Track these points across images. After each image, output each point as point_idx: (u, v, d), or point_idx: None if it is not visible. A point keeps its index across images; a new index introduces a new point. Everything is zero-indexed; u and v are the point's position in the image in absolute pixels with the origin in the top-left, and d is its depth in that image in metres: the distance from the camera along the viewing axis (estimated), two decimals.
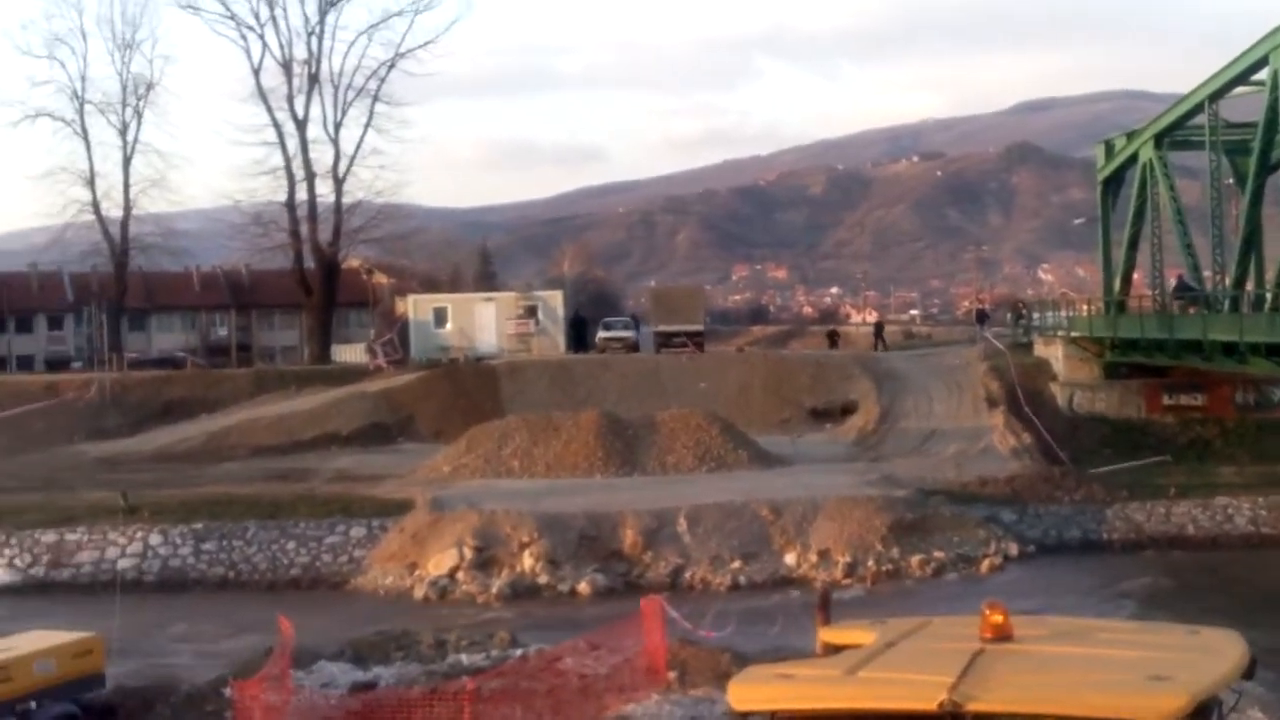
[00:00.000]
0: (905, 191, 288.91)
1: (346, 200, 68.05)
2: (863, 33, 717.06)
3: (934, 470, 37.40)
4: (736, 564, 29.23)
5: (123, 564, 30.10)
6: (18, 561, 30.15)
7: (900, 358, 55.24)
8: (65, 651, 18.33)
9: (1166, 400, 43.57)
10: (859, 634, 9.52)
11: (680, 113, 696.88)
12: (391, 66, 67.82)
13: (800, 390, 49.05)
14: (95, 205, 70.19)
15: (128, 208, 70.51)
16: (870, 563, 29.27)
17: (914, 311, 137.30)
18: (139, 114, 70.34)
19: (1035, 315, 57.00)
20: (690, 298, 65.68)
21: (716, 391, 48.08)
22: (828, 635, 10.16)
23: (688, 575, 29.00)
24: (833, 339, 67.32)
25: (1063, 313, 51.25)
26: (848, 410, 46.76)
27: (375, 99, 67.79)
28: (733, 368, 51.86)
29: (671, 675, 18.27)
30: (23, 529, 30.92)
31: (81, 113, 69.80)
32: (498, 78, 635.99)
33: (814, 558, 29.42)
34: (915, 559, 29.60)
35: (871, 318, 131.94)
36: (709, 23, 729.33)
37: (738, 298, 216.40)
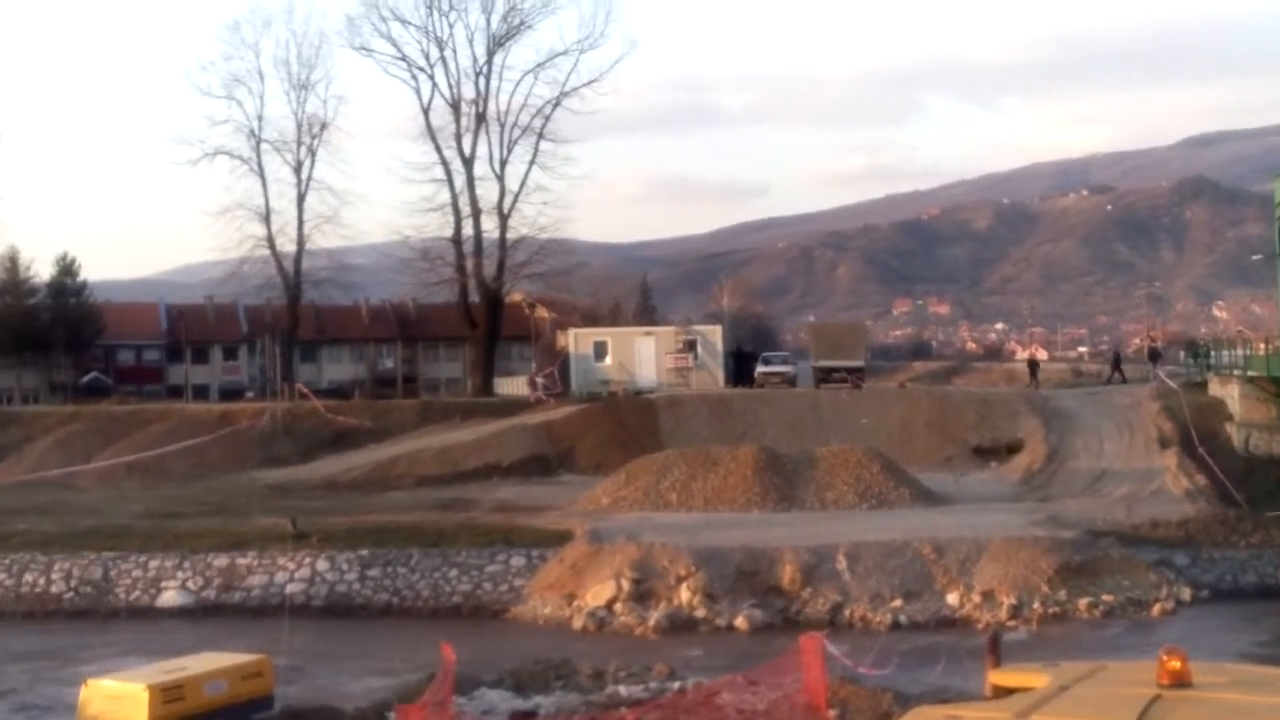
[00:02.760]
0: (1073, 226, 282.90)
1: (511, 236, 69.35)
2: (1030, 66, 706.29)
3: (1103, 511, 36.34)
4: (897, 603, 28.77)
5: (291, 588, 30.79)
6: (190, 584, 31.06)
7: (1069, 396, 54.01)
8: (236, 673, 18.84)
9: None
10: (1030, 677, 9.30)
11: (843, 148, 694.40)
12: (556, 105, 69.03)
13: (964, 427, 48.25)
14: (270, 240, 72.52)
15: (301, 243, 72.65)
16: (1036, 605, 28.53)
17: (1082, 349, 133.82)
18: (313, 152, 72.54)
19: (1211, 354, 55.18)
20: (851, 333, 65.14)
21: (878, 428, 47.55)
22: (998, 678, 9.94)
23: (847, 613, 28.62)
24: (1033, 369, 65.80)
25: (1239, 351, 49.52)
26: (1013, 449, 45.83)
27: (540, 137, 69.06)
28: (894, 404, 51.24)
29: (832, 714, 18.03)
30: (197, 553, 31.87)
31: (258, 151, 72.27)
32: (660, 114, 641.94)
33: (977, 598, 28.80)
34: (1083, 602, 28.76)
35: (1040, 355, 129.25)
36: (873, 58, 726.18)
37: (899, 333, 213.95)
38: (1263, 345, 48.31)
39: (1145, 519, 34.99)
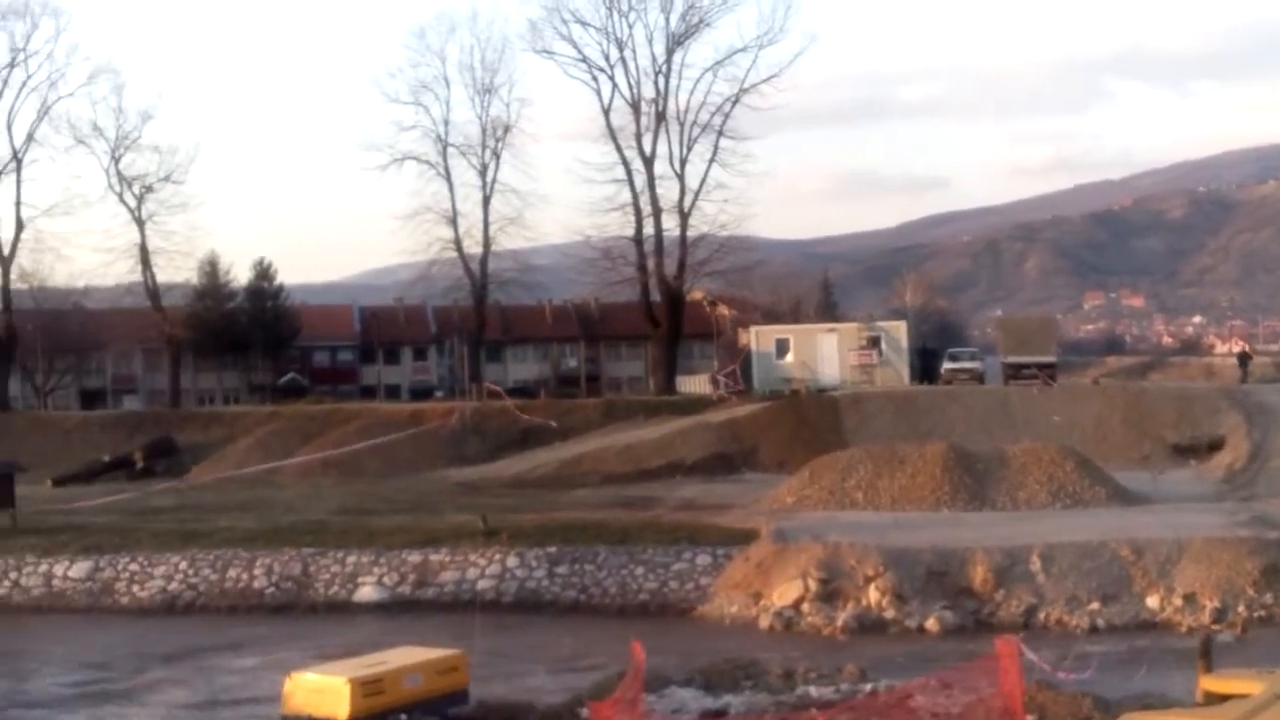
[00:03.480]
0: (1274, 214, 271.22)
1: (691, 234, 69.45)
2: (1224, 49, 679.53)
3: None
4: (1094, 605, 27.94)
5: (482, 584, 31.32)
6: (386, 580, 31.82)
7: (1273, 390, 51.85)
8: (432, 667, 19.24)
9: None
10: (1244, 683, 8.99)
11: (1028, 138, 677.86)
12: (736, 102, 68.92)
13: (1162, 425, 46.78)
14: (457, 243, 73.87)
15: (487, 245, 73.83)
16: (1240, 608, 27.41)
17: (1245, 345, 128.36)
18: (497, 155, 73.65)
19: None
20: (1041, 328, 63.70)
21: (1070, 425, 46.38)
22: (1210, 683, 9.64)
23: (1041, 615, 27.90)
24: (1243, 362, 63.41)
25: None
26: (1215, 446, 44.23)
27: (720, 134, 69.04)
28: (1088, 400, 49.91)
29: (1030, 719, 17.59)
30: (391, 549, 32.64)
31: (444, 155, 73.65)
32: (840, 108, 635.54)
33: (1178, 601, 27.80)
34: None
35: (1237, 347, 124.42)
36: (1056, 46, 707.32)
37: (1090, 327, 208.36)
38: None
39: None
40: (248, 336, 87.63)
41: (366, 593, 31.59)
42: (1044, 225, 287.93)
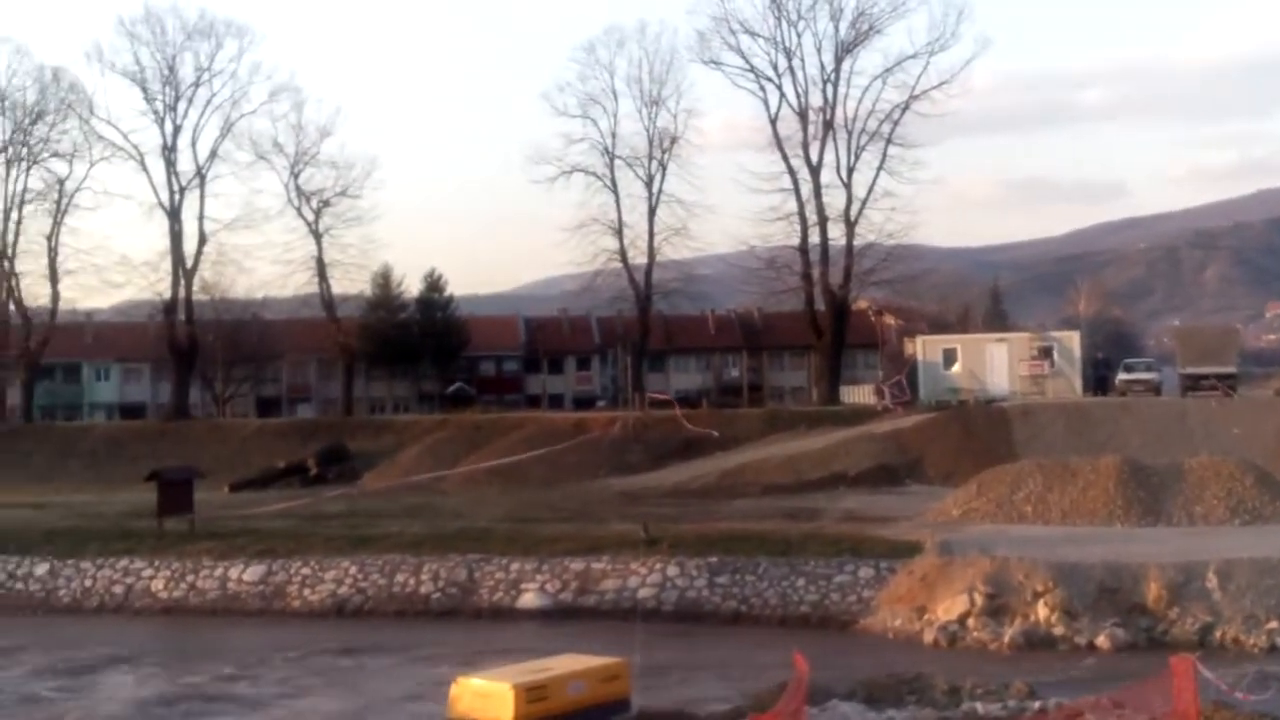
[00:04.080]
0: None
1: (857, 243, 69.19)
2: None
3: None
4: (1273, 624, 26.83)
5: (642, 593, 31.40)
6: (548, 587, 32.10)
7: None
8: (595, 675, 19.36)
9: None
10: None
11: (1209, 143, 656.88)
12: (905, 109, 68.53)
13: None
14: (622, 253, 74.68)
15: (652, 255, 74.44)
16: None
17: None
18: (663, 166, 74.36)
19: None
20: (1221, 338, 61.75)
21: (1251, 438, 44.82)
22: None
23: (1217, 634, 26.92)
24: None
25: None
26: None
27: (888, 142, 68.72)
28: (1270, 413, 48.23)
29: None
30: (554, 556, 32.95)
31: (611, 167, 74.56)
32: (1011, 113, 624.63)
33: None
34: None
35: None
36: (1239, 45, 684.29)
37: (1272, 337, 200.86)
38: None
39: None
40: (418, 347, 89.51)
41: (529, 599, 31.91)
42: (1224, 232, 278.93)
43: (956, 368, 61.38)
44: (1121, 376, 58.79)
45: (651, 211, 74.16)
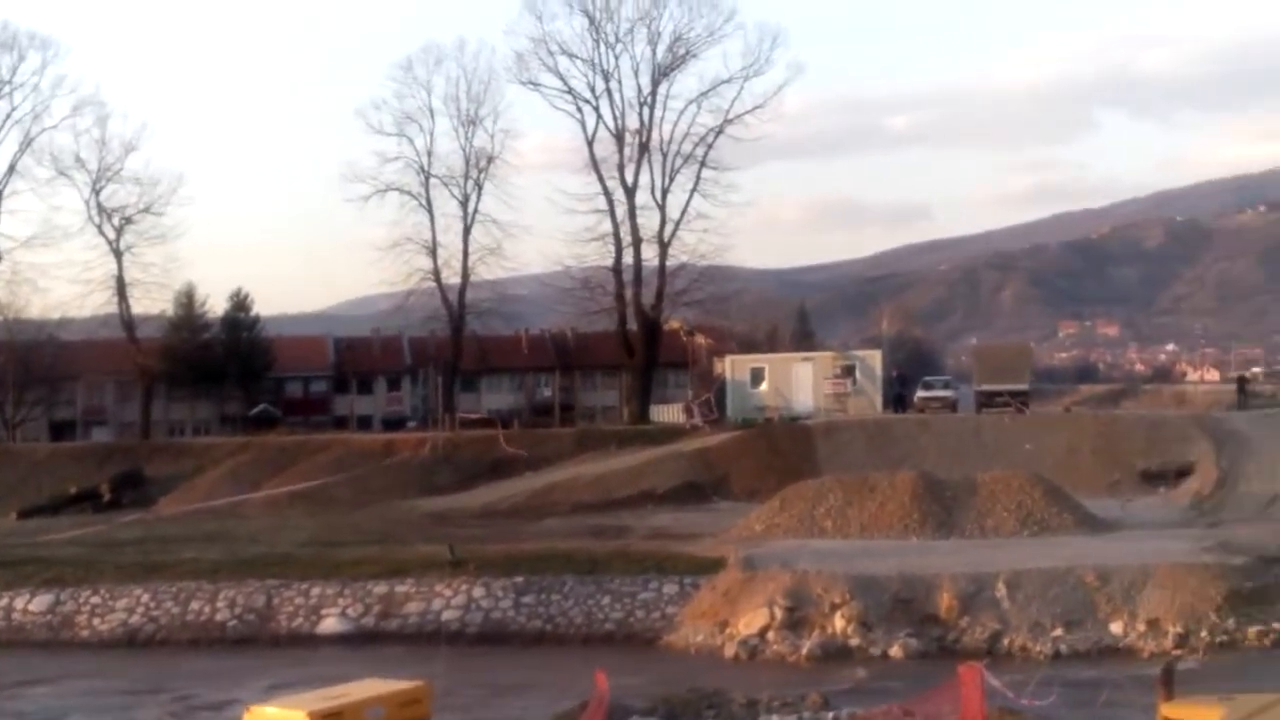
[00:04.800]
0: (1250, 243, 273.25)
1: (670, 264, 69.95)
2: (1206, 79, 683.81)
3: (1276, 536, 34.79)
4: (1058, 632, 27.91)
5: (447, 615, 31.12)
6: (350, 611, 31.58)
7: (1242, 418, 52.12)
8: (395, 699, 19.01)
9: None
10: (1204, 710, 8.99)
11: (1011, 168, 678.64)
12: (719, 133, 69.50)
13: (1133, 452, 46.92)
14: (436, 273, 74.22)
15: (466, 275, 74.16)
16: (1204, 633, 27.40)
17: (1256, 369, 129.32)
18: (479, 186, 74.15)
19: None
20: (1016, 356, 64.01)
21: (1042, 453, 46.47)
22: (1170, 710, 9.63)
23: (1006, 642, 27.85)
24: (1241, 387, 63.76)
25: None
26: (1183, 473, 44.37)
27: (702, 164, 69.63)
28: (1059, 428, 50.08)
29: None
30: (357, 580, 32.43)
31: (427, 186, 74.10)
32: (823, 137, 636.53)
33: (1142, 627, 27.79)
34: (1253, 630, 27.53)
35: (1211, 376, 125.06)
36: (1041, 75, 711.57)
37: (1064, 356, 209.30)
38: None
39: None
40: (222, 368, 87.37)
41: (330, 624, 31.34)
42: (1022, 254, 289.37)
43: (764, 386, 62.40)
44: (920, 394, 60.45)
45: (466, 231, 73.99)
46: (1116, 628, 27.92)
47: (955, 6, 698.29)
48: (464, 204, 73.92)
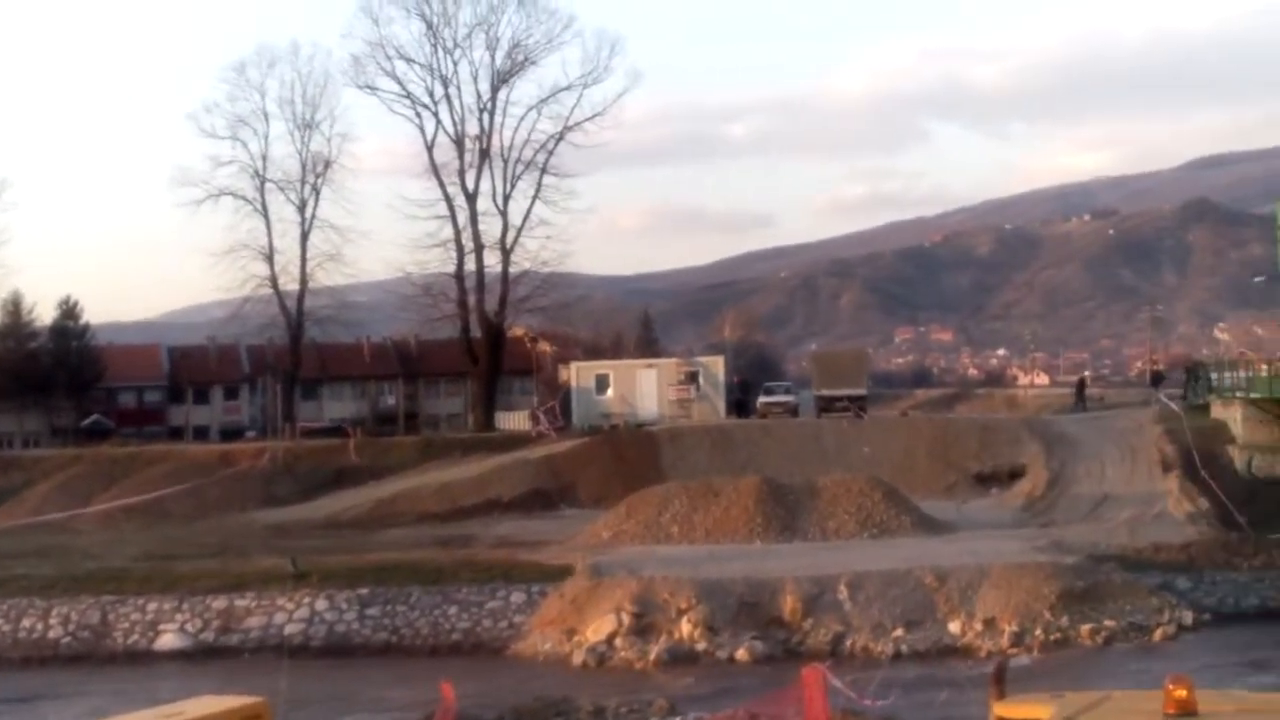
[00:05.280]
0: (1076, 250, 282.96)
1: (513, 270, 69.68)
2: (1034, 91, 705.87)
3: (1106, 536, 36.26)
4: (899, 632, 28.59)
5: (290, 629, 30.64)
6: (189, 627, 30.89)
7: (1071, 421, 53.92)
8: (232, 716, 18.58)
9: None
10: (1035, 708, 9.25)
11: (847, 177, 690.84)
12: (560, 139, 69.42)
13: (966, 455, 48.17)
14: (273, 279, 72.76)
15: (304, 281, 72.89)
16: (1038, 631, 28.35)
17: (1085, 373, 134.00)
18: (317, 191, 72.91)
19: (1213, 376, 55.12)
20: (853, 361, 65.09)
21: (880, 456, 47.44)
22: (1002, 709, 9.88)
23: (848, 643, 28.44)
24: (1080, 390, 65.68)
25: (1242, 373, 49.40)
26: (1016, 475, 45.73)
27: (543, 171, 69.48)
28: (896, 432, 51.15)
29: None
30: (195, 595, 31.71)
31: (262, 191, 72.65)
32: (665, 145, 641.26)
33: (979, 626, 28.62)
34: (1085, 628, 28.58)
35: (1041, 379, 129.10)
36: (876, 86, 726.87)
37: (901, 360, 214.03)
38: (1265, 367, 48.23)
39: (1147, 543, 34.95)
40: (50, 378, 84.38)
41: (168, 640, 30.62)
42: (859, 262, 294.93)
43: (609, 393, 62.58)
44: (762, 399, 61.21)
45: (304, 237, 72.74)
46: (955, 627, 28.70)
47: (791, 16, 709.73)
48: (301, 209, 72.81)
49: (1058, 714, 8.71)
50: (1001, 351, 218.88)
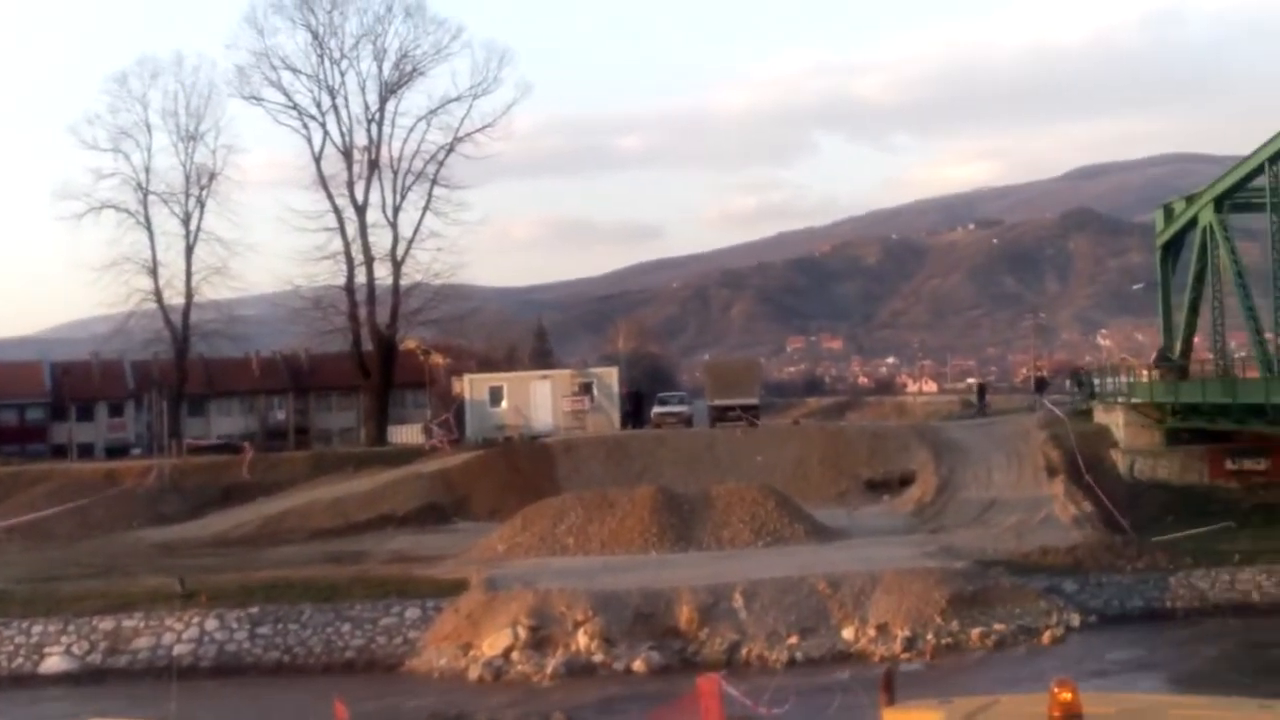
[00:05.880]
0: (961, 260, 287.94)
1: (404, 283, 69.06)
2: (917, 104, 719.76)
3: (994, 541, 36.92)
4: (793, 639, 28.84)
5: (179, 649, 30.06)
6: (75, 649, 30.17)
7: (958, 427, 54.78)
8: None
9: (1230, 465, 42.91)
10: (923, 714, 9.34)
11: (737, 188, 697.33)
12: (450, 151, 69.04)
13: (858, 462, 48.73)
14: (158, 294, 71.48)
15: (189, 295, 71.73)
16: (929, 636, 28.78)
17: (970, 380, 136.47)
18: (202, 203, 71.77)
19: (1095, 381, 56.45)
20: (745, 371, 65.58)
21: (773, 465, 47.83)
22: (891, 716, 9.95)
23: (744, 651, 28.63)
24: (981, 394, 66.59)
25: (1123, 379, 50.65)
26: (906, 481, 46.36)
27: (434, 182, 69.03)
28: (789, 441, 51.58)
29: None
30: (81, 616, 30.99)
31: (145, 204, 71.33)
32: (556, 158, 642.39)
33: (872, 632, 28.98)
34: (975, 632, 29.08)
35: (929, 387, 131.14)
36: (766, 98, 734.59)
37: (792, 370, 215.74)
38: (1146, 372, 49.49)
39: (1034, 547, 35.63)
40: None
41: (53, 663, 29.86)
42: (750, 272, 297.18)
43: (503, 405, 62.35)
44: (656, 410, 61.43)
45: (189, 250, 71.54)
46: (848, 633, 29.03)
47: (680, 30, 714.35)
48: (186, 222, 71.63)
49: (946, 719, 8.83)
50: (891, 359, 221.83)
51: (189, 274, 71.41)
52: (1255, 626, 30.85)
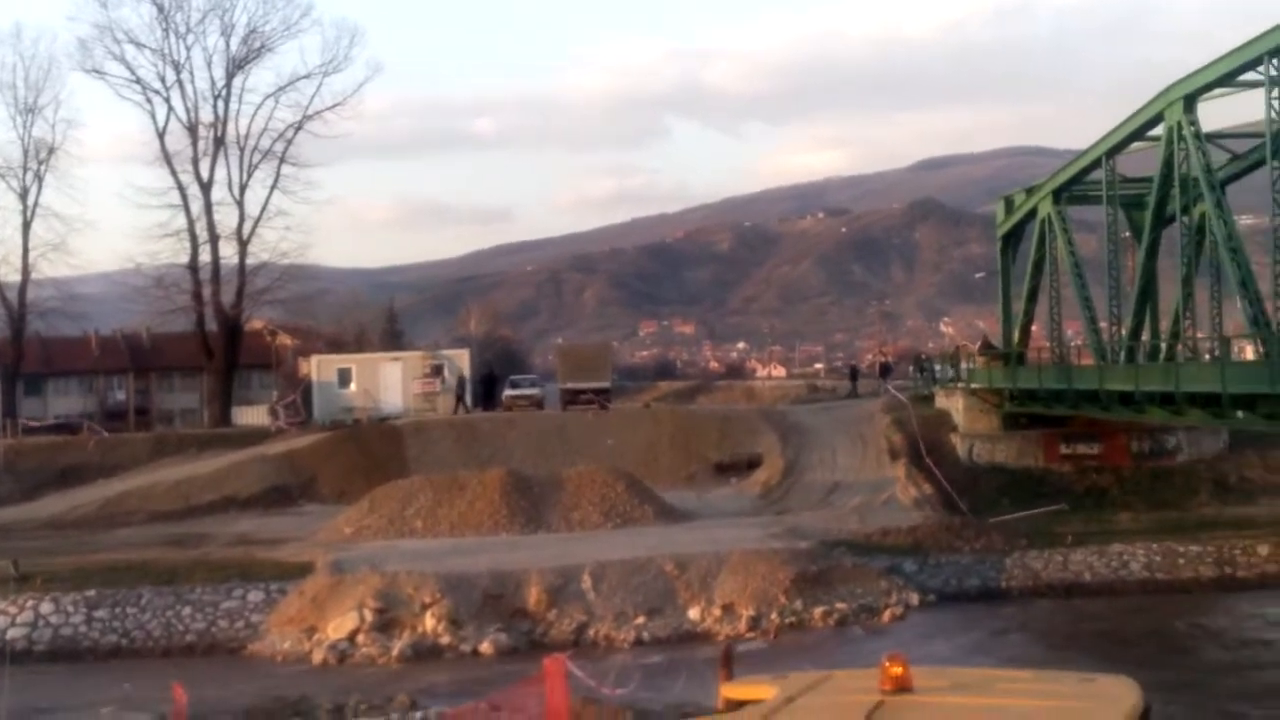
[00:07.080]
0: (811, 247, 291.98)
1: (251, 262, 67.87)
2: (770, 93, 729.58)
3: (838, 522, 37.66)
4: (640, 620, 29.09)
5: (12, 634, 29.25)
6: None
7: (804, 411, 55.63)
8: None
9: (1064, 449, 44.25)
10: (760, 689, 9.52)
11: (590, 172, 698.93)
12: (298, 129, 68.03)
13: (707, 445, 49.17)
14: None
15: (26, 272, 69.66)
16: (774, 615, 29.27)
17: (818, 365, 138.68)
18: (39, 178, 69.75)
19: (937, 367, 57.77)
20: (597, 354, 65.67)
21: (624, 448, 48.04)
22: (729, 691, 10.13)
23: (592, 632, 28.81)
24: (854, 376, 67.59)
25: (963, 365, 51.92)
26: (753, 464, 46.93)
27: (282, 161, 67.92)
28: (640, 424, 51.85)
29: None
30: None
31: None
32: (410, 138, 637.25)
33: (718, 612, 29.38)
34: (818, 611, 29.67)
35: (778, 371, 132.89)
36: (619, 83, 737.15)
37: (645, 354, 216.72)
38: (982, 359, 50.77)
39: (876, 528, 36.45)
40: None
41: None
42: (602, 257, 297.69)
43: (352, 387, 61.58)
44: (507, 392, 61.24)
45: (26, 226, 69.38)
46: (695, 613, 29.39)
47: (534, 12, 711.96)
48: (23, 197, 69.46)
49: (780, 694, 9.03)
50: (741, 345, 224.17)
51: (25, 250, 69.39)
52: (1084, 606, 32.00)
